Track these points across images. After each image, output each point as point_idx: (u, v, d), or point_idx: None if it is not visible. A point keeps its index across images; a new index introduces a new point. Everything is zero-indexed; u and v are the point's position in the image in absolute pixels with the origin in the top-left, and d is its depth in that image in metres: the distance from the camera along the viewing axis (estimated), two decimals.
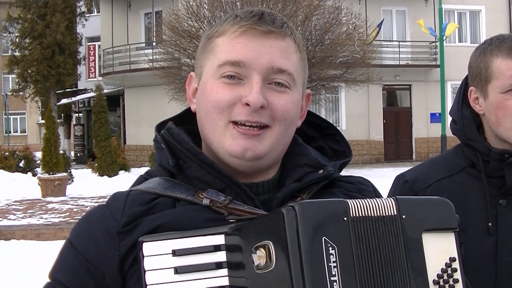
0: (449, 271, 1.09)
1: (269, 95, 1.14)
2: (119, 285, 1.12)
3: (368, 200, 1.07)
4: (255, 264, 1.03)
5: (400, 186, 1.89)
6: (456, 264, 1.10)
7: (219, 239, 1.10)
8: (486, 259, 1.73)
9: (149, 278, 1.07)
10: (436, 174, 1.86)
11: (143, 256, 1.08)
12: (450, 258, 1.10)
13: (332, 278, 0.98)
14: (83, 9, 34.02)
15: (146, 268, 1.07)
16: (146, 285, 1.07)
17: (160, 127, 1.25)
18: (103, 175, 19.72)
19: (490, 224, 1.75)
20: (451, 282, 1.08)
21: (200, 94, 1.20)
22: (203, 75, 1.20)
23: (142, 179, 1.25)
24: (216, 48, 1.17)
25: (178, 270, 1.07)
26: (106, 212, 1.16)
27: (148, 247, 1.09)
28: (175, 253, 1.08)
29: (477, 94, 1.80)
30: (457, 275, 1.09)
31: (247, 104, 1.12)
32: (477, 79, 1.78)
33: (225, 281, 1.08)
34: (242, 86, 1.14)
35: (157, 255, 1.08)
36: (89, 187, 17.59)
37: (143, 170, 1.32)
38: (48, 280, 1.18)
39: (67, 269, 1.15)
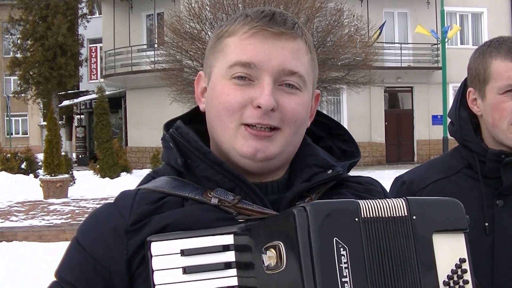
0: (459, 272, 1.08)
1: (279, 97, 1.13)
2: (127, 284, 1.12)
3: (379, 200, 1.06)
4: (265, 264, 1.02)
5: (398, 188, 1.91)
6: (466, 265, 1.09)
7: (228, 239, 1.09)
8: (482, 259, 1.73)
9: (157, 278, 1.06)
10: (433, 175, 1.87)
11: (151, 256, 1.07)
12: (460, 259, 1.09)
13: (343, 279, 0.98)
14: (85, 10, 34.07)
15: (154, 268, 1.07)
16: (154, 285, 1.06)
17: (168, 125, 1.24)
18: (104, 177, 19.75)
19: (486, 224, 1.76)
20: (461, 283, 1.08)
21: (210, 94, 1.19)
22: (212, 75, 1.19)
23: (149, 177, 1.24)
24: (226, 48, 1.16)
25: (186, 270, 1.07)
26: (114, 211, 1.15)
27: (157, 247, 1.08)
28: (184, 253, 1.07)
29: (475, 95, 1.82)
30: (467, 276, 1.09)
31: (258, 107, 1.11)
32: (476, 80, 1.81)
33: (234, 281, 1.08)
34: (253, 88, 1.13)
35: (166, 254, 1.08)
36: (91, 188, 17.63)
37: (145, 172, 1.31)
38: (54, 279, 1.16)
39: (74, 267, 1.14)
